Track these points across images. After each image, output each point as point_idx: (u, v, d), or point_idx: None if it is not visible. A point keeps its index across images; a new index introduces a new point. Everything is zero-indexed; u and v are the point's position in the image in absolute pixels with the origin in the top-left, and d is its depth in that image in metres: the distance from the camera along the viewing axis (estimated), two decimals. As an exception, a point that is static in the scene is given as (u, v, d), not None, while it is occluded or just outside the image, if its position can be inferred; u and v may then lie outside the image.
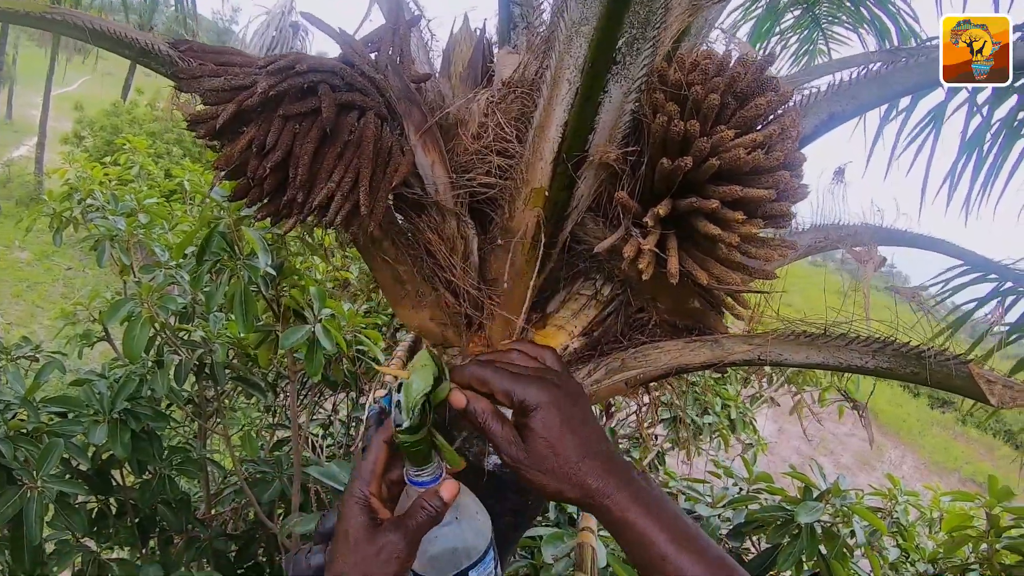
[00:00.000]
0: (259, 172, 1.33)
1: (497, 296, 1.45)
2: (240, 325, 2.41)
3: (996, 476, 2.38)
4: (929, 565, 2.65)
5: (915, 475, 11.39)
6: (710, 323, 1.51)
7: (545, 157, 1.28)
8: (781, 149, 1.31)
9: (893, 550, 2.60)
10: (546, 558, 2.23)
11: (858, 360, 1.36)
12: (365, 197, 1.28)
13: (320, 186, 1.31)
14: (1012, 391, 1.24)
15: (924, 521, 2.91)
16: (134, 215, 3.19)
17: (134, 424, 2.58)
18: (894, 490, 2.70)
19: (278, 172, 1.34)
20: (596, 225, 1.43)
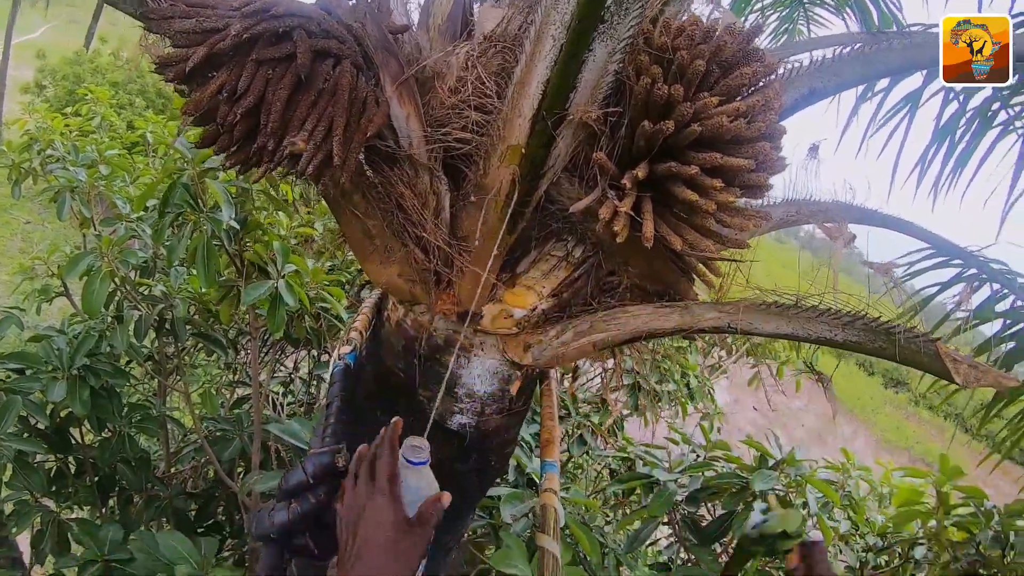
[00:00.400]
0: (229, 118, 1.28)
1: (468, 253, 1.42)
2: (202, 279, 2.36)
3: (947, 455, 2.44)
4: (878, 538, 2.72)
5: (867, 451, 11.75)
6: (681, 289, 1.51)
7: (524, 114, 1.26)
8: (763, 120, 1.30)
9: (844, 522, 2.67)
10: (505, 517, 2.24)
11: (827, 332, 1.37)
12: (338, 147, 1.24)
13: (292, 134, 1.26)
14: (977, 371, 1.26)
15: (874, 496, 2.98)
16: (95, 166, 3.09)
17: (93, 381, 2.52)
18: (847, 464, 2.76)
19: (249, 119, 1.29)
20: (572, 186, 1.41)
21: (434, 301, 1.49)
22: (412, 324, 1.60)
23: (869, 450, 12.09)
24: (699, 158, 1.26)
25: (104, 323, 2.67)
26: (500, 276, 1.50)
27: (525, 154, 1.29)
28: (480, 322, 1.52)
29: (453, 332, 1.56)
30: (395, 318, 1.64)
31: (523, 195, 1.34)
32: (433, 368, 1.58)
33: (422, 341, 1.57)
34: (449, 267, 1.47)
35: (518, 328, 1.55)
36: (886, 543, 2.71)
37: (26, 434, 2.57)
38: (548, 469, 1.63)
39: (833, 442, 8.76)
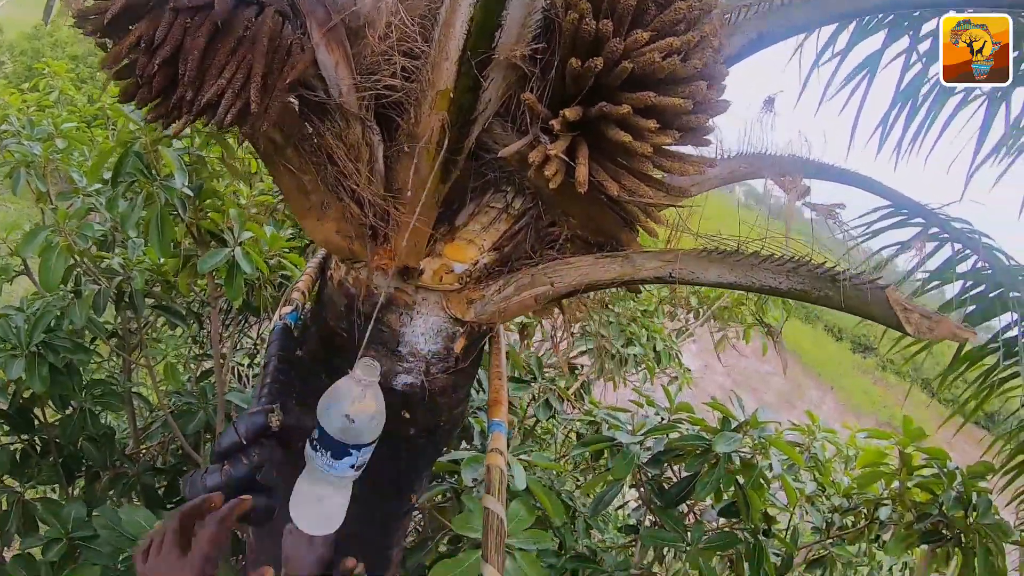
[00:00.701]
0: (148, 70, 1.23)
1: (402, 205, 1.38)
2: (156, 249, 2.31)
3: (910, 417, 2.43)
4: (844, 499, 2.72)
5: (834, 415, 11.79)
6: (624, 239, 1.47)
7: (451, 56, 1.21)
8: (700, 58, 1.26)
9: (810, 484, 2.66)
10: (466, 481, 2.22)
11: (771, 280, 1.33)
12: (256, 94, 1.20)
13: (210, 83, 1.21)
14: (930, 321, 1.23)
15: (840, 458, 2.98)
16: (51, 140, 3.02)
17: (52, 357, 2.47)
18: (812, 426, 2.75)
19: (167, 69, 1.24)
20: (505, 131, 1.37)
21: (371, 256, 1.45)
22: (353, 282, 1.56)
23: (836, 414, 12.16)
24: (631, 97, 1.22)
25: (64, 299, 2.62)
26: (438, 229, 1.46)
27: (453, 99, 1.24)
28: (421, 278, 1.48)
29: (394, 289, 1.52)
30: (337, 277, 1.60)
31: (454, 142, 1.29)
32: (376, 328, 1.55)
33: (362, 299, 1.53)
34: (385, 221, 1.43)
35: (460, 284, 1.51)
36: (851, 504, 2.70)
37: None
38: (495, 428, 1.60)
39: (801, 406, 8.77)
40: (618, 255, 1.41)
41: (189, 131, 2.44)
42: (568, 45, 1.22)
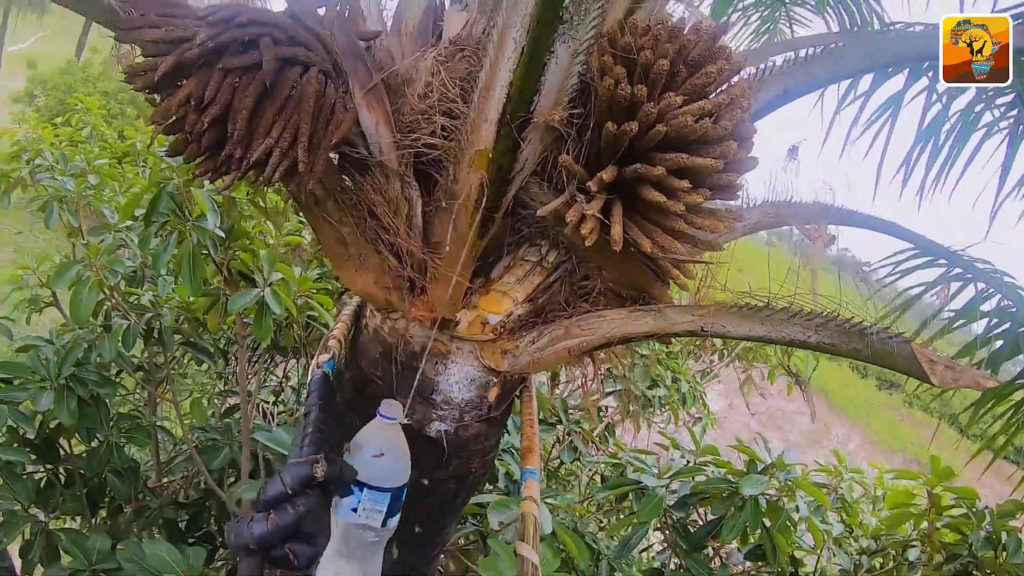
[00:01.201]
0: (197, 127, 1.29)
1: (440, 259, 1.42)
2: (188, 288, 2.36)
3: (939, 456, 2.42)
4: (872, 541, 2.70)
5: (861, 454, 11.54)
6: (655, 293, 1.50)
7: (490, 118, 1.26)
8: (730, 119, 1.30)
9: (837, 525, 2.65)
10: (492, 524, 2.23)
11: (800, 335, 1.36)
12: (303, 153, 1.24)
13: (258, 142, 1.27)
14: (954, 372, 1.25)
15: (868, 498, 2.97)
16: (83, 176, 3.10)
17: (81, 390, 2.52)
18: (839, 467, 2.74)
19: (216, 127, 1.30)
20: (541, 190, 1.41)
21: (408, 308, 1.49)
22: (389, 331, 1.60)
23: (863, 452, 11.91)
24: (665, 159, 1.26)
25: (93, 333, 2.67)
26: (474, 282, 1.50)
27: (492, 159, 1.29)
28: (456, 328, 1.52)
29: (429, 339, 1.56)
30: (372, 325, 1.64)
31: (492, 200, 1.34)
32: (411, 375, 1.58)
33: (399, 348, 1.57)
34: (423, 273, 1.47)
35: (494, 334, 1.54)
36: (879, 545, 2.69)
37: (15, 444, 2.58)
38: (528, 476, 1.62)
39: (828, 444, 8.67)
40: (651, 309, 1.44)
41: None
42: (604, 109, 1.26)
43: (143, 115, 8.87)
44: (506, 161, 1.29)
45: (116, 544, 2.47)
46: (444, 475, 1.68)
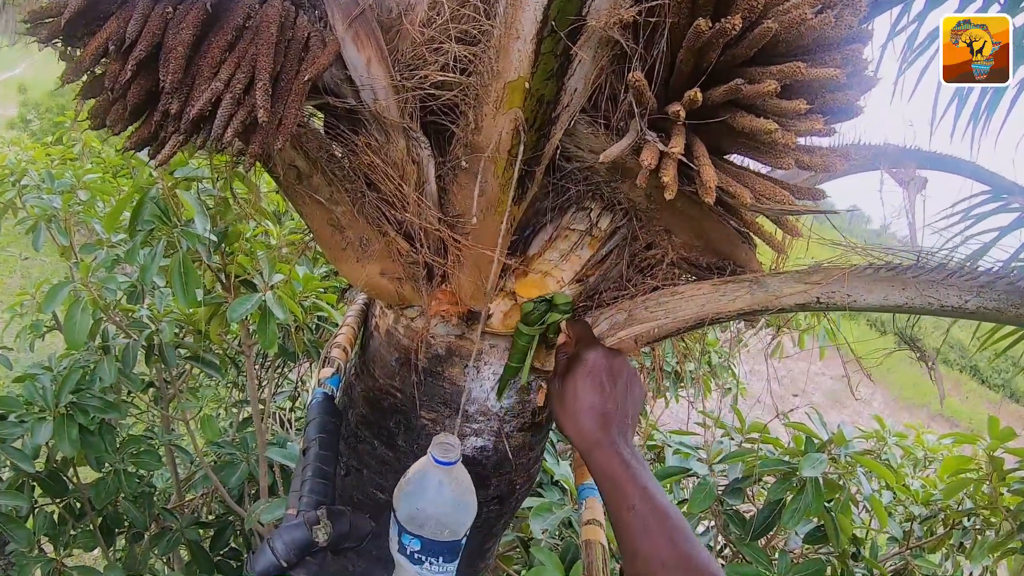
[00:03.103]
0: (121, 78, 0.80)
1: (464, 235, 0.94)
2: (180, 298, 1.88)
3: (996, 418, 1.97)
4: (922, 507, 2.25)
5: (885, 411, 10.79)
6: (742, 259, 1.02)
7: (524, 32, 0.77)
8: (853, 12, 0.82)
9: (884, 493, 2.20)
10: (535, 532, 1.78)
11: (955, 299, 0.88)
12: (263, 97, 0.76)
13: (202, 87, 0.78)
14: None
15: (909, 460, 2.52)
16: (73, 192, 2.59)
17: (82, 418, 2.05)
18: (882, 432, 2.29)
19: (145, 76, 0.81)
20: (593, 132, 0.93)
21: (427, 301, 1.01)
22: (405, 332, 1.12)
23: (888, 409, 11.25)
24: (776, 70, 0.78)
25: (94, 355, 2.20)
26: (508, 261, 1.02)
27: (529, 90, 0.80)
28: (489, 323, 1.04)
29: (456, 338, 1.08)
30: (384, 326, 1.17)
31: (530, 149, 0.86)
32: (435, 384, 1.11)
33: (419, 352, 1.09)
34: (442, 256, 0.99)
35: (536, 326, 1.07)
36: (930, 511, 2.24)
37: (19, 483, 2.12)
38: (588, 494, 1.16)
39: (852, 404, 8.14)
40: (744, 279, 0.96)
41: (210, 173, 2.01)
42: (686, 4, 0.78)
43: None
44: (549, 91, 0.81)
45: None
46: (484, 497, 1.21)
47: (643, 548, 0.81)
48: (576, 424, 0.92)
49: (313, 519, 0.84)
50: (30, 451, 2.04)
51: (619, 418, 0.92)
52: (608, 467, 0.88)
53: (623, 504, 0.84)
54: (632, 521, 0.83)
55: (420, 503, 0.90)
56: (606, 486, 0.88)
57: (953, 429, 2.39)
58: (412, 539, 0.91)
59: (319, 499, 0.91)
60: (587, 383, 0.93)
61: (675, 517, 0.83)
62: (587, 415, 0.92)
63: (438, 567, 0.93)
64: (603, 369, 0.94)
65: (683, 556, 0.79)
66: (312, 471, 0.93)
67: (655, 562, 0.80)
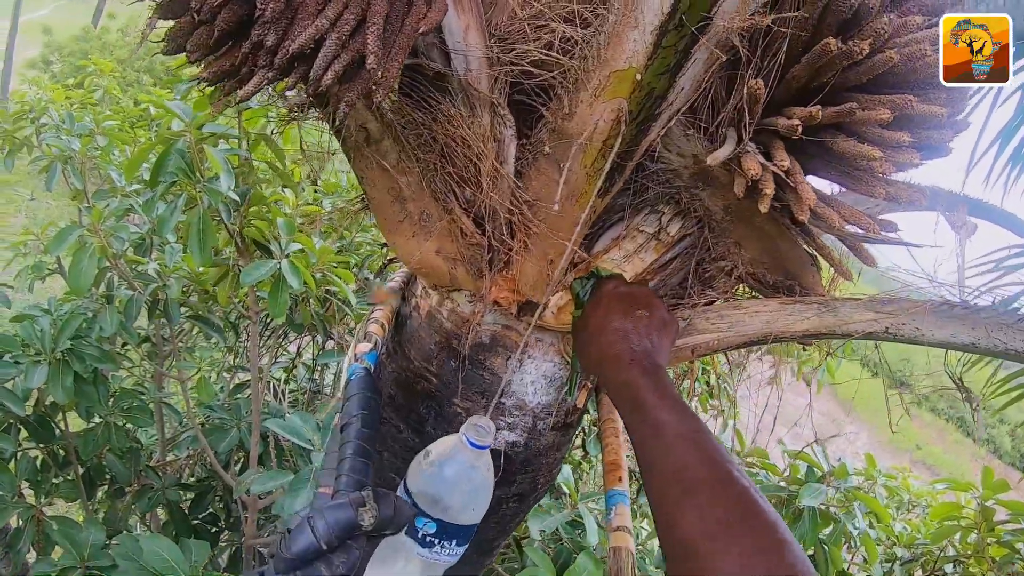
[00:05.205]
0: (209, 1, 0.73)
1: (540, 222, 0.89)
2: (196, 256, 1.80)
3: (990, 468, 1.98)
4: (905, 550, 2.25)
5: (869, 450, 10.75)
6: (808, 281, 0.99)
7: (643, 22, 0.73)
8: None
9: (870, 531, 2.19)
10: (533, 533, 1.74)
11: (1020, 344, 0.86)
12: (376, 42, 0.70)
13: (305, 22, 0.72)
14: None
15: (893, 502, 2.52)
16: (91, 136, 2.50)
17: (78, 366, 1.98)
18: (871, 471, 2.29)
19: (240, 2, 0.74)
20: (684, 135, 0.89)
21: (488, 287, 0.96)
22: (449, 316, 1.07)
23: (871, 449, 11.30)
24: (888, 100, 0.75)
25: (95, 303, 2.11)
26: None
27: (639, 82, 0.76)
28: (541, 316, 1.00)
29: (503, 328, 1.04)
30: (426, 307, 1.12)
31: (627, 143, 0.81)
32: (475, 372, 1.06)
33: (463, 338, 1.04)
34: (509, 242, 0.94)
35: (589, 324, 1.02)
36: (912, 555, 2.24)
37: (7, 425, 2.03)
38: (617, 500, 1.11)
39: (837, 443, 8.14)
40: (813, 301, 0.93)
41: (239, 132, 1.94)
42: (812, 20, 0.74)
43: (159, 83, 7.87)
44: (660, 86, 0.77)
45: (111, 536, 1.94)
46: (507, 494, 1.16)
47: (661, 461, 0.74)
48: (596, 343, 0.90)
49: (359, 500, 0.78)
50: (20, 394, 1.96)
51: (639, 336, 0.88)
52: (625, 378, 0.84)
53: (641, 414, 0.79)
54: (645, 430, 0.78)
55: (447, 485, 0.85)
56: (625, 398, 0.84)
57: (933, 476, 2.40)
58: (428, 522, 0.85)
59: (361, 479, 0.85)
60: (606, 306, 0.92)
61: (699, 430, 0.76)
62: (606, 334, 0.89)
63: (449, 551, 0.88)
64: (621, 295, 0.93)
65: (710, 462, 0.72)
66: (353, 449, 0.87)
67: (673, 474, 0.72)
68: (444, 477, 0.86)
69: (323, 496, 0.84)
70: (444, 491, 0.84)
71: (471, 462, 0.85)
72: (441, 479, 0.86)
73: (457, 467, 0.85)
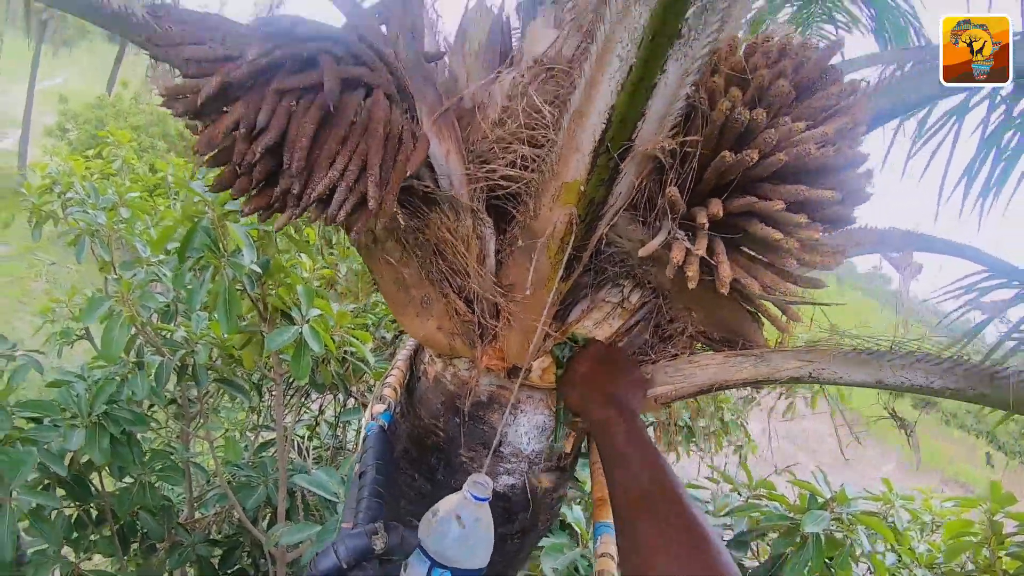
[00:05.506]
0: (248, 157, 1.06)
1: (516, 304, 1.19)
2: (223, 325, 2.12)
3: (998, 483, 2.19)
4: (926, 570, 2.45)
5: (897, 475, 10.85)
6: (750, 335, 1.27)
7: (582, 147, 1.02)
8: (850, 145, 1.07)
9: (889, 555, 2.40)
10: (546, 571, 1.99)
11: (923, 379, 1.13)
12: (374, 188, 1.01)
13: (320, 174, 1.04)
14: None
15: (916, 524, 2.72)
16: (115, 209, 2.87)
17: (113, 428, 2.29)
18: (889, 495, 2.50)
19: (270, 158, 1.07)
20: (632, 226, 1.18)
21: (479, 356, 1.25)
22: (452, 379, 1.36)
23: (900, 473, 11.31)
24: (783, 191, 1.03)
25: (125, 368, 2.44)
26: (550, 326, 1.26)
27: (583, 192, 1.05)
28: (528, 377, 1.29)
29: (498, 388, 1.32)
30: (433, 372, 1.41)
31: (580, 238, 1.10)
32: (476, 426, 1.35)
33: (464, 398, 1.33)
34: (495, 319, 1.24)
35: (570, 382, 1.31)
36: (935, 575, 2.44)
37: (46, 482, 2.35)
38: (603, 531, 1.38)
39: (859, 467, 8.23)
40: (750, 354, 1.20)
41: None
42: (714, 135, 1.03)
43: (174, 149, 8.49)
44: (599, 195, 1.06)
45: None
46: (510, 531, 1.44)
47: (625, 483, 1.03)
48: (580, 390, 1.20)
49: (372, 530, 1.06)
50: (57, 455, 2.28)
51: (614, 385, 1.18)
52: (602, 416, 1.12)
53: (613, 445, 1.08)
54: (615, 457, 1.06)
55: (457, 536, 1.06)
56: (600, 433, 1.12)
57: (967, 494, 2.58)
58: (443, 572, 1.10)
59: (375, 515, 1.13)
60: (588, 362, 1.22)
61: (657, 463, 1.03)
62: (588, 383, 1.19)
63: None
64: (601, 353, 1.24)
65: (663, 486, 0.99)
66: (369, 491, 1.16)
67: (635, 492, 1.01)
68: (454, 530, 1.11)
69: (345, 529, 1.13)
70: (455, 542, 1.10)
71: (475, 514, 1.10)
72: (451, 532, 1.11)
73: (465, 520, 1.10)
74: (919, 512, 2.72)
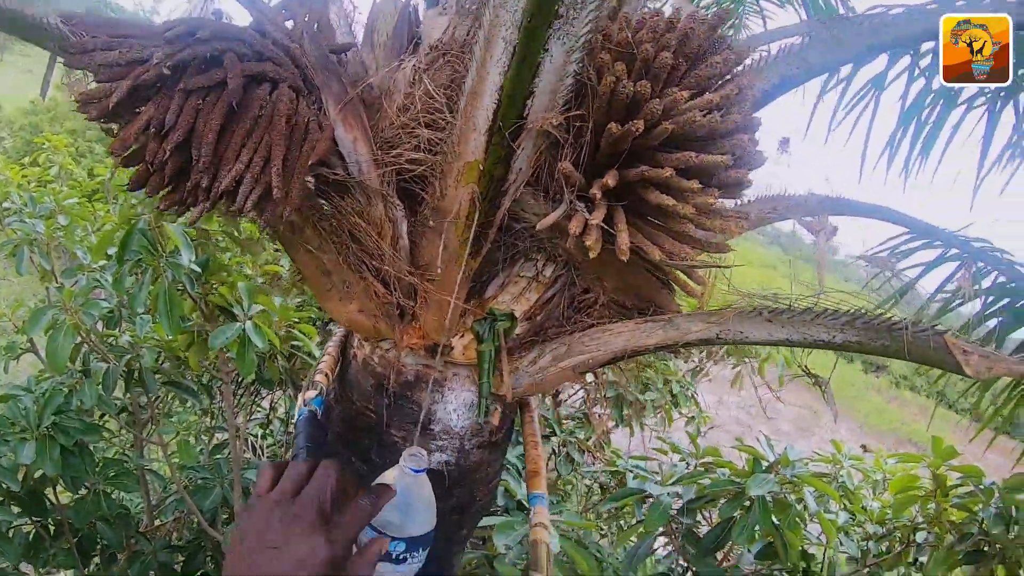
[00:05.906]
0: (159, 156, 1.12)
1: (431, 282, 1.25)
2: (166, 326, 2.16)
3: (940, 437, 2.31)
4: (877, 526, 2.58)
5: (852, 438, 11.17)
6: (661, 301, 1.35)
7: (479, 127, 1.09)
8: (738, 111, 1.16)
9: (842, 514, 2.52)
10: (498, 547, 2.07)
11: (825, 335, 1.22)
12: (278, 178, 1.07)
13: (227, 168, 1.10)
14: (988, 360, 1.11)
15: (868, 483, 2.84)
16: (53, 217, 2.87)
17: (63, 439, 2.32)
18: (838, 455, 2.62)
19: (180, 155, 1.13)
20: (536, 201, 1.25)
21: (399, 336, 1.32)
22: (379, 361, 1.43)
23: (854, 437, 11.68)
24: (672, 159, 1.11)
25: (72, 378, 2.47)
26: (467, 303, 1.33)
27: (483, 171, 1.12)
28: (451, 354, 1.36)
29: (423, 367, 1.39)
30: (361, 356, 1.47)
31: (485, 215, 1.17)
32: (405, 406, 1.41)
33: (391, 379, 1.40)
34: (412, 299, 1.30)
35: (492, 356, 1.38)
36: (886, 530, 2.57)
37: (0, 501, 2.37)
38: (536, 502, 1.46)
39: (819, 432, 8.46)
40: (660, 319, 1.29)
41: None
42: (604, 110, 1.11)
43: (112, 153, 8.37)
44: (499, 172, 1.13)
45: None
46: (447, 507, 1.51)
47: None
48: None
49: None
50: (9, 470, 2.30)
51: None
52: None
53: None
54: None
55: (403, 508, 1.11)
56: None
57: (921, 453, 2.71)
58: (397, 543, 1.17)
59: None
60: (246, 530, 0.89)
61: None
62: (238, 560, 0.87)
63: (418, 557, 1.19)
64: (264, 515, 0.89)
65: None
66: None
67: None
68: (397, 503, 1.18)
69: None
70: (401, 514, 1.16)
71: (415, 485, 1.18)
72: (395, 506, 1.18)
73: (408, 491, 1.17)
74: (871, 471, 2.84)
